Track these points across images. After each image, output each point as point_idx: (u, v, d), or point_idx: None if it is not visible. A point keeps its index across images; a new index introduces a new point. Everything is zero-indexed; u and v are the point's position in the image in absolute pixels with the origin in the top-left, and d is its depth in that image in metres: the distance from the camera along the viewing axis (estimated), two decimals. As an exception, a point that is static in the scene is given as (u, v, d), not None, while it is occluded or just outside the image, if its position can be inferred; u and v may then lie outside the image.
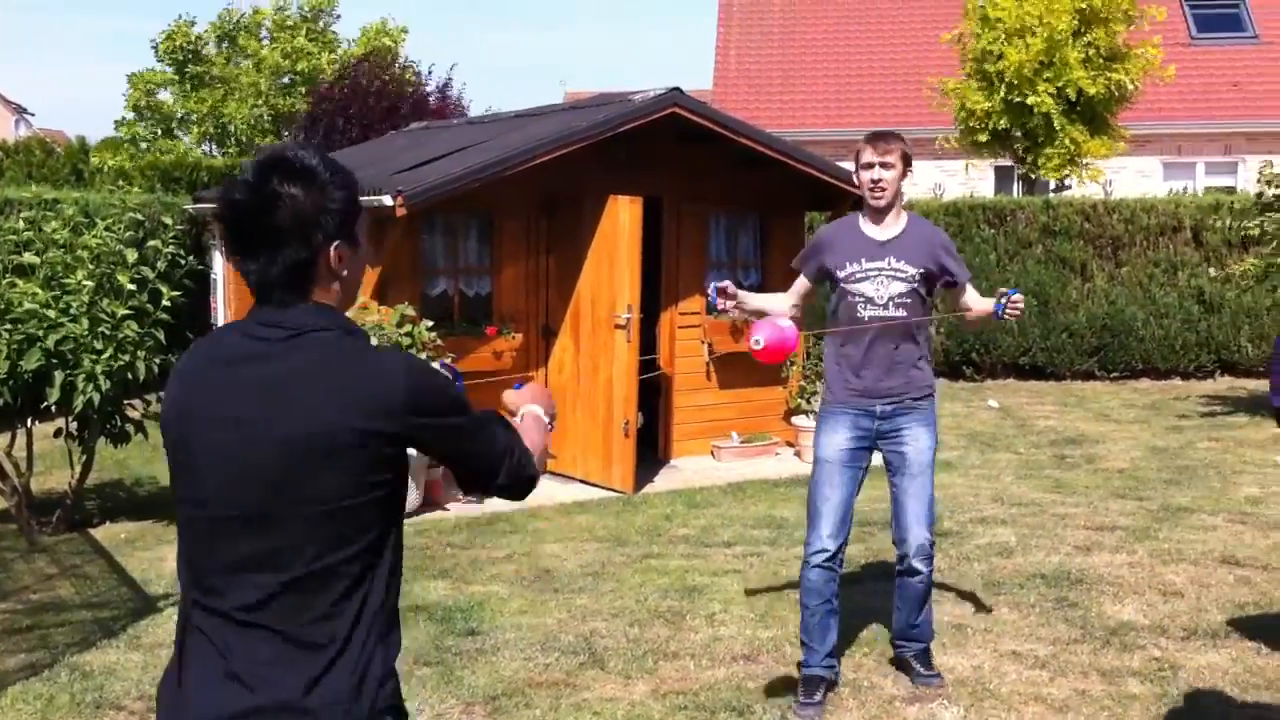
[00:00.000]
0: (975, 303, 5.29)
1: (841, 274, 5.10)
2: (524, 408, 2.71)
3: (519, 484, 2.44)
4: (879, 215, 5.10)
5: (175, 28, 26.87)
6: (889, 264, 5.04)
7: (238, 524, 2.16)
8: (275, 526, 2.14)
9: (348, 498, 2.15)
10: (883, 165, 5.00)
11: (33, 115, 50.68)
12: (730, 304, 5.16)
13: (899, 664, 5.41)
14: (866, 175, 5.04)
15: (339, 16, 29.14)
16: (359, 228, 2.30)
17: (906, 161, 5.06)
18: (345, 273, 2.27)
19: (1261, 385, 14.80)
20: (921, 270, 5.05)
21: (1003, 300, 4.99)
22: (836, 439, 5.15)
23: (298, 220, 2.17)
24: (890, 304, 5.03)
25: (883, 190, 5.01)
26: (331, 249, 2.22)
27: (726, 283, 5.15)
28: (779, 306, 5.32)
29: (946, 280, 5.19)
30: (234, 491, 2.16)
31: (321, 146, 2.32)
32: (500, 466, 2.37)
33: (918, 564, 5.18)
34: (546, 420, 2.70)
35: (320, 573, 2.15)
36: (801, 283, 5.31)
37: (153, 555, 7.41)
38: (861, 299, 5.04)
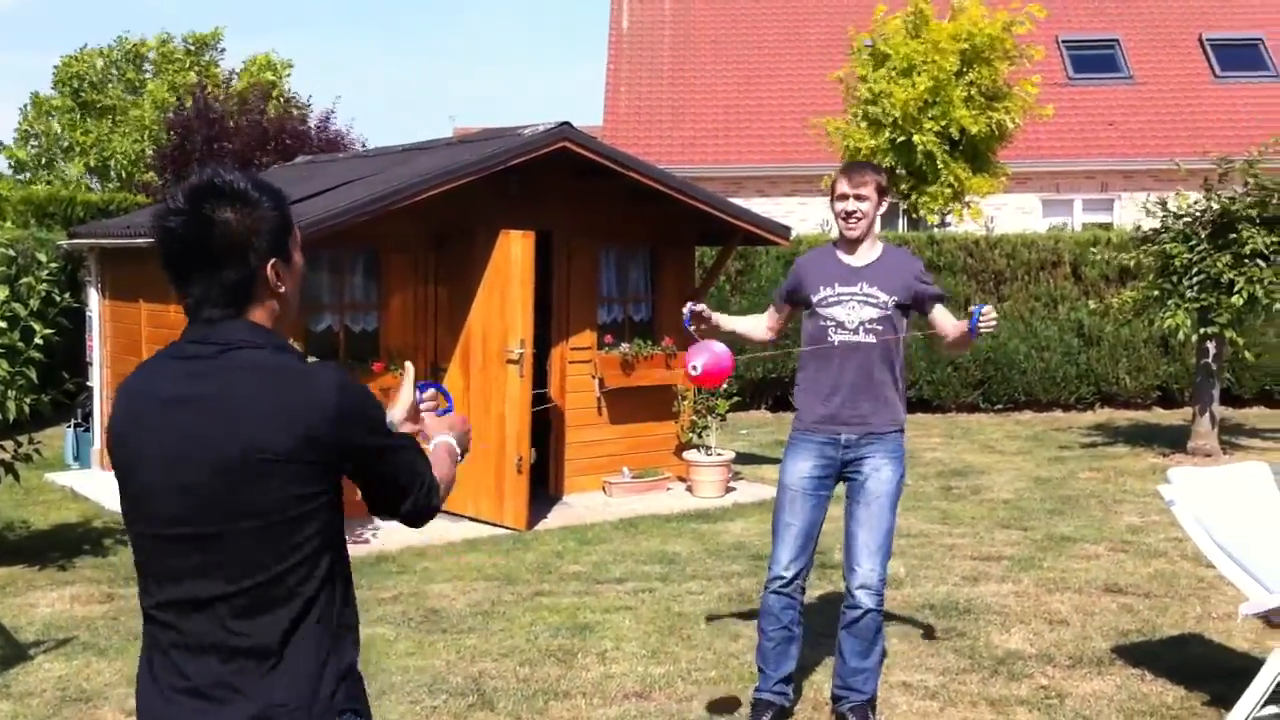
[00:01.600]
0: (949, 323, 5.16)
1: (815, 298, 5.09)
2: (438, 436, 2.70)
3: (423, 513, 2.44)
4: (853, 245, 5.10)
5: (77, 55, 26.38)
6: (861, 289, 5.03)
7: (183, 541, 2.21)
8: (217, 541, 2.20)
9: (285, 510, 2.20)
10: (857, 197, 5.00)
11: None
12: (703, 327, 5.06)
13: (837, 716, 5.19)
14: (841, 206, 5.03)
15: (224, 50, 28.61)
16: (293, 244, 2.36)
17: (881, 192, 5.05)
18: (283, 289, 2.32)
19: (1140, 416, 15.19)
20: (895, 298, 5.03)
21: (975, 317, 4.84)
22: (800, 466, 5.13)
23: (232, 242, 2.23)
24: (861, 329, 5.00)
25: (857, 221, 5.01)
26: (268, 266, 2.28)
27: (701, 306, 5.06)
28: (752, 328, 5.33)
29: (923, 308, 5.14)
30: (175, 509, 2.21)
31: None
32: (410, 494, 2.39)
33: (863, 598, 5.00)
34: (458, 452, 2.70)
35: (266, 583, 2.20)
36: (774, 307, 5.25)
37: (23, 601, 7.13)
38: (833, 323, 5.03)
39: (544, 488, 10.25)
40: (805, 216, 21.84)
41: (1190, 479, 5.46)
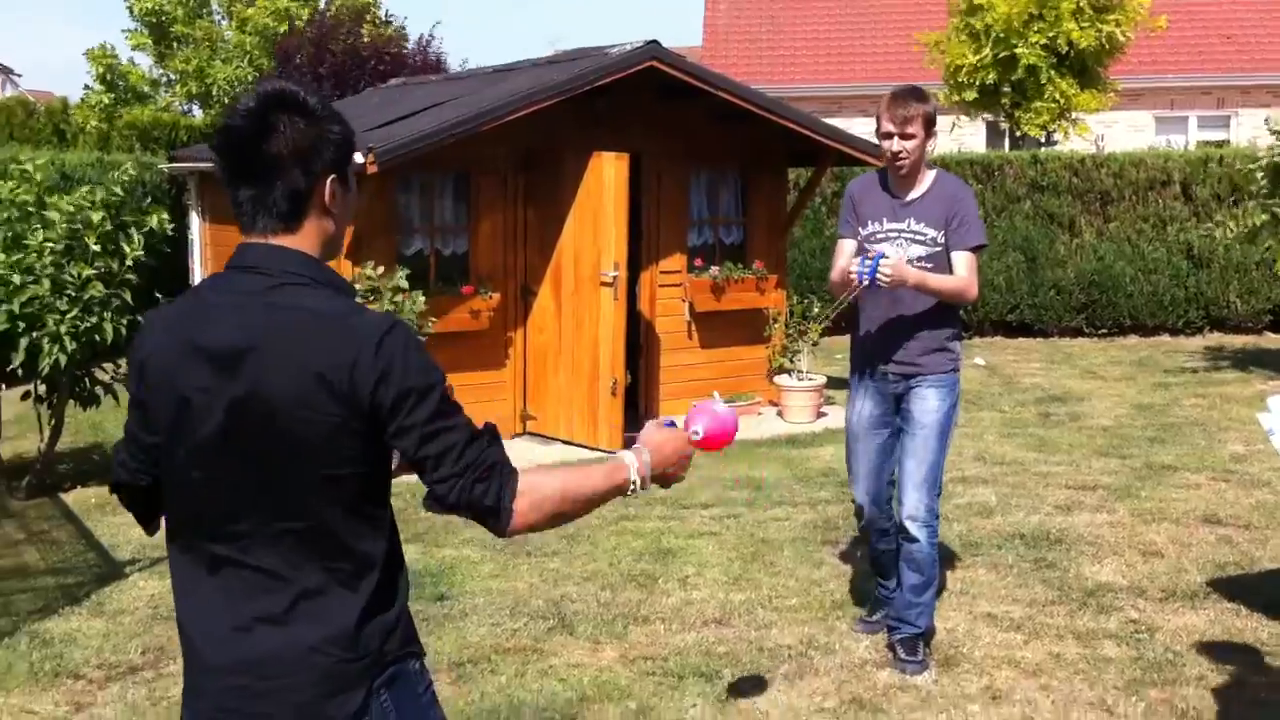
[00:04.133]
0: (947, 278, 4.84)
1: (864, 232, 4.95)
2: (632, 451, 2.42)
3: (470, 507, 2.17)
4: (903, 180, 4.91)
5: None
6: (909, 226, 4.87)
7: (225, 484, 2.16)
8: (261, 486, 2.14)
9: (323, 468, 2.12)
10: (902, 136, 4.76)
11: (19, 76, 49.99)
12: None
13: (889, 645, 5.14)
14: (886, 145, 4.82)
15: None
16: (351, 170, 2.29)
17: (929, 124, 4.79)
18: (336, 211, 2.25)
19: (1250, 341, 14.73)
20: (941, 232, 4.84)
21: (874, 266, 4.60)
22: (859, 405, 5.10)
23: (297, 148, 2.17)
24: (910, 267, 4.77)
25: (903, 160, 4.81)
26: (328, 181, 2.22)
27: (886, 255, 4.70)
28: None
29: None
30: (219, 455, 2.16)
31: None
32: (449, 475, 2.16)
33: (911, 529, 4.92)
34: (632, 479, 2.38)
35: (315, 528, 2.15)
36: (850, 244, 5.02)
37: (122, 520, 7.30)
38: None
39: (633, 411, 10.23)
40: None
41: (1293, 408, 5.24)
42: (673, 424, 2.51)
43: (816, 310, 10.57)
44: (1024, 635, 5.34)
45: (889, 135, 4.80)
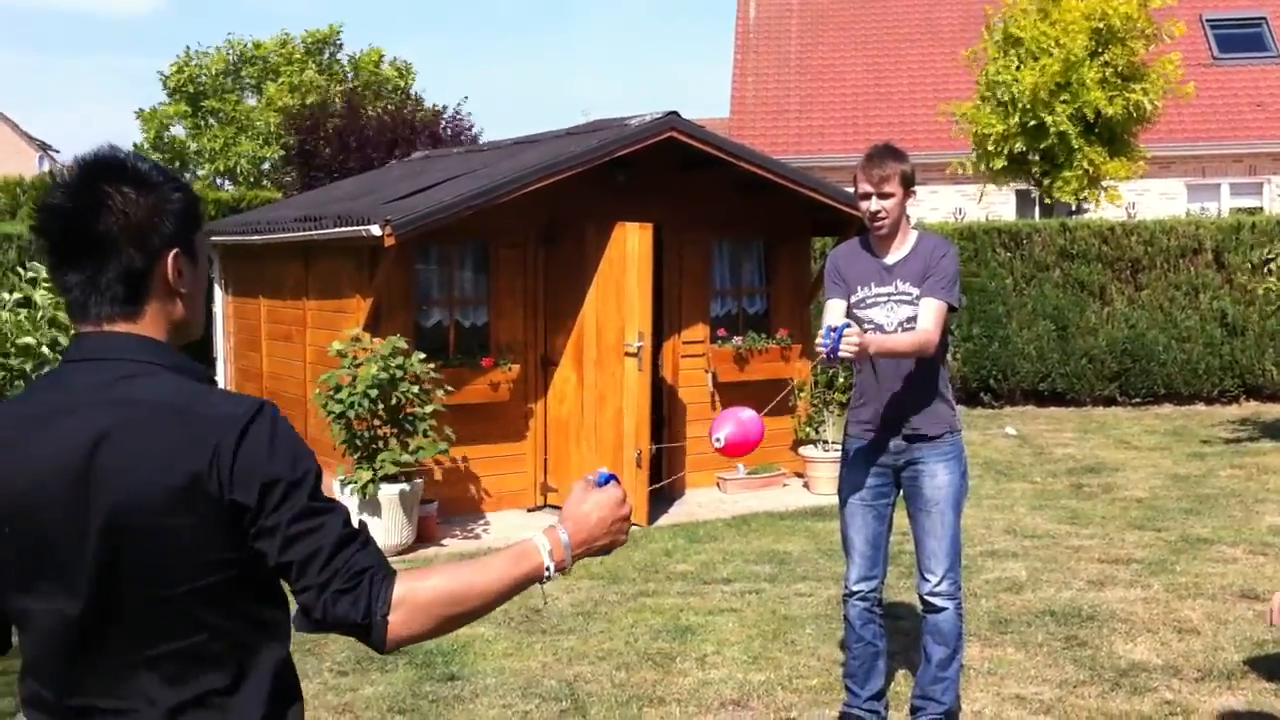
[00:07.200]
0: (902, 335, 4.67)
1: (853, 299, 4.84)
2: (545, 531, 2.09)
3: (338, 625, 1.88)
4: (884, 241, 4.82)
5: (184, 60, 26.41)
6: (896, 288, 4.76)
7: (76, 619, 1.85)
8: (117, 619, 1.84)
9: (190, 580, 1.84)
10: (880, 195, 4.68)
11: (58, 152, 50.70)
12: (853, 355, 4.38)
13: None
14: (864, 205, 4.75)
15: (342, 46, 28.49)
16: (199, 242, 2.01)
17: (907, 184, 4.72)
18: (184, 290, 1.97)
19: (1287, 410, 14.44)
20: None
21: (838, 336, 4.24)
22: (855, 478, 4.91)
23: (130, 223, 1.89)
24: (900, 329, 4.71)
25: (882, 220, 4.72)
26: (170, 257, 1.93)
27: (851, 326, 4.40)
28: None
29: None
30: (67, 582, 1.84)
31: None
32: (312, 585, 1.87)
33: (936, 601, 4.80)
34: (548, 570, 2.04)
35: (177, 658, 1.86)
36: (839, 304, 4.88)
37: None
38: (872, 325, 4.74)
39: (655, 482, 10.07)
40: (936, 205, 21.32)
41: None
42: (610, 479, 2.14)
43: (841, 380, 10.42)
44: (1053, 718, 5.13)
45: (866, 195, 4.72)
